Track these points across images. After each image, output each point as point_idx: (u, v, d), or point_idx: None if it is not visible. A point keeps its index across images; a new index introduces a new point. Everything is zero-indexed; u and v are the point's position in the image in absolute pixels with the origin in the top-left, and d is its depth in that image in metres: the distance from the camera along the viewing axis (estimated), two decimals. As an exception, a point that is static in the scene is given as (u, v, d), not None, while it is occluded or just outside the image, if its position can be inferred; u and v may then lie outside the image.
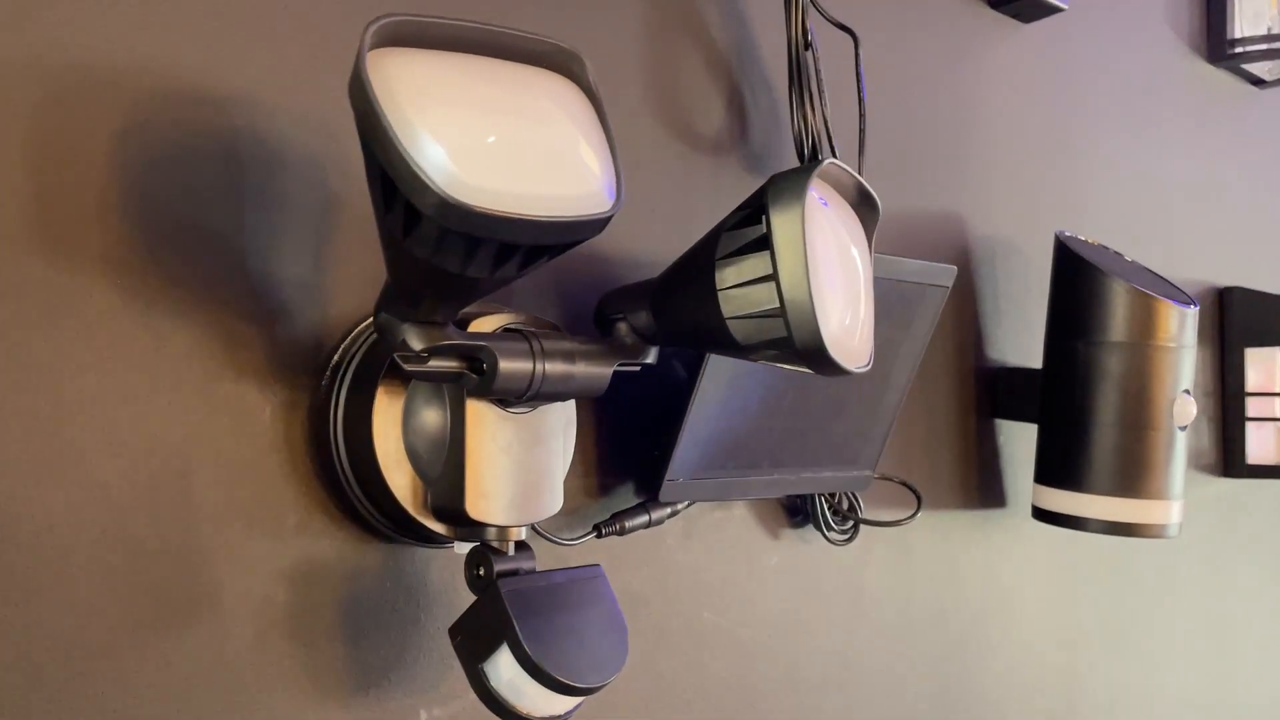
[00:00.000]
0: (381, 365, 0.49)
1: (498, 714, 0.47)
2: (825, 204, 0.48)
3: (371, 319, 0.46)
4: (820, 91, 0.68)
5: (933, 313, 0.68)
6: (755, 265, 0.46)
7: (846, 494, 0.73)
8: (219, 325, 0.49)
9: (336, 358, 0.52)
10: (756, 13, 0.70)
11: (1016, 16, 0.89)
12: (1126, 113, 1.00)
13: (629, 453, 0.63)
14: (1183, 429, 0.82)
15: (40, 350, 0.44)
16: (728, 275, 0.47)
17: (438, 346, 0.45)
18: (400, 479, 0.50)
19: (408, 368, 0.45)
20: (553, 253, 0.40)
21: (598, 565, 0.51)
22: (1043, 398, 0.85)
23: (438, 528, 0.51)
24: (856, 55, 0.68)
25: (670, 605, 0.65)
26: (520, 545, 0.50)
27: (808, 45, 0.68)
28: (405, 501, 0.50)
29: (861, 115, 0.69)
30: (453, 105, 0.37)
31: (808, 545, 0.74)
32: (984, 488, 0.88)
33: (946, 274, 0.67)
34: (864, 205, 0.51)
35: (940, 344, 0.83)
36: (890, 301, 0.65)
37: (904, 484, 0.76)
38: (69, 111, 0.45)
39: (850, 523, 0.73)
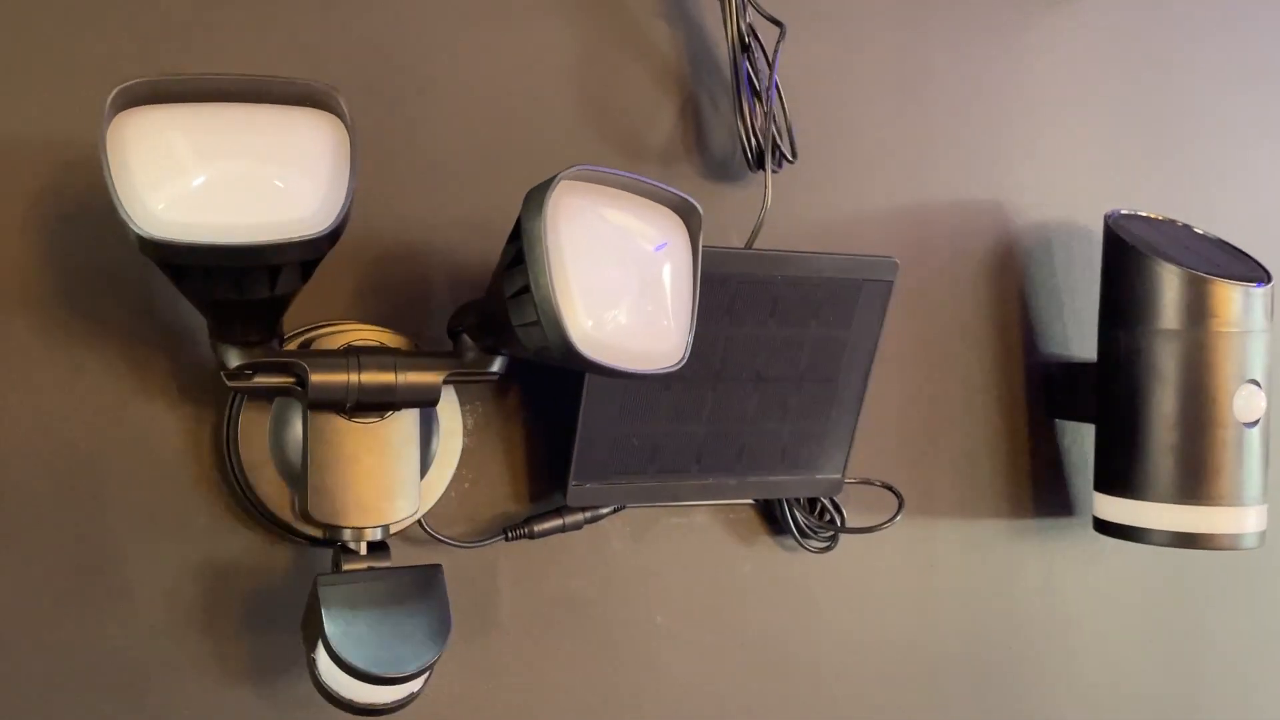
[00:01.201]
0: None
1: (327, 701, 0.51)
2: (618, 209, 0.49)
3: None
4: (758, 93, 0.67)
5: (878, 309, 0.64)
6: (516, 278, 0.47)
7: (824, 500, 0.70)
8: (130, 354, 0.56)
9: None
10: (708, 18, 0.70)
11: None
12: (1197, 78, 0.89)
13: (557, 459, 0.65)
14: (1251, 425, 0.72)
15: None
16: (505, 287, 0.48)
17: (258, 363, 0.50)
18: (266, 486, 0.55)
19: (230, 384, 0.50)
20: (274, 272, 0.44)
21: (438, 565, 0.53)
22: (1097, 395, 0.77)
23: (309, 530, 0.55)
24: (777, 48, 0.66)
25: (618, 608, 0.66)
26: (375, 545, 0.54)
27: (745, 48, 0.67)
28: (274, 506, 0.55)
29: (783, 111, 0.67)
30: (166, 157, 0.42)
31: (791, 554, 0.72)
32: (1041, 496, 0.81)
33: (887, 268, 0.64)
34: (684, 208, 0.51)
35: (983, 339, 0.78)
36: (817, 300, 0.62)
37: (885, 486, 0.72)
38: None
39: (828, 529, 0.70)
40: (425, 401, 0.53)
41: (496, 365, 0.54)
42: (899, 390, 0.75)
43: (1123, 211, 0.78)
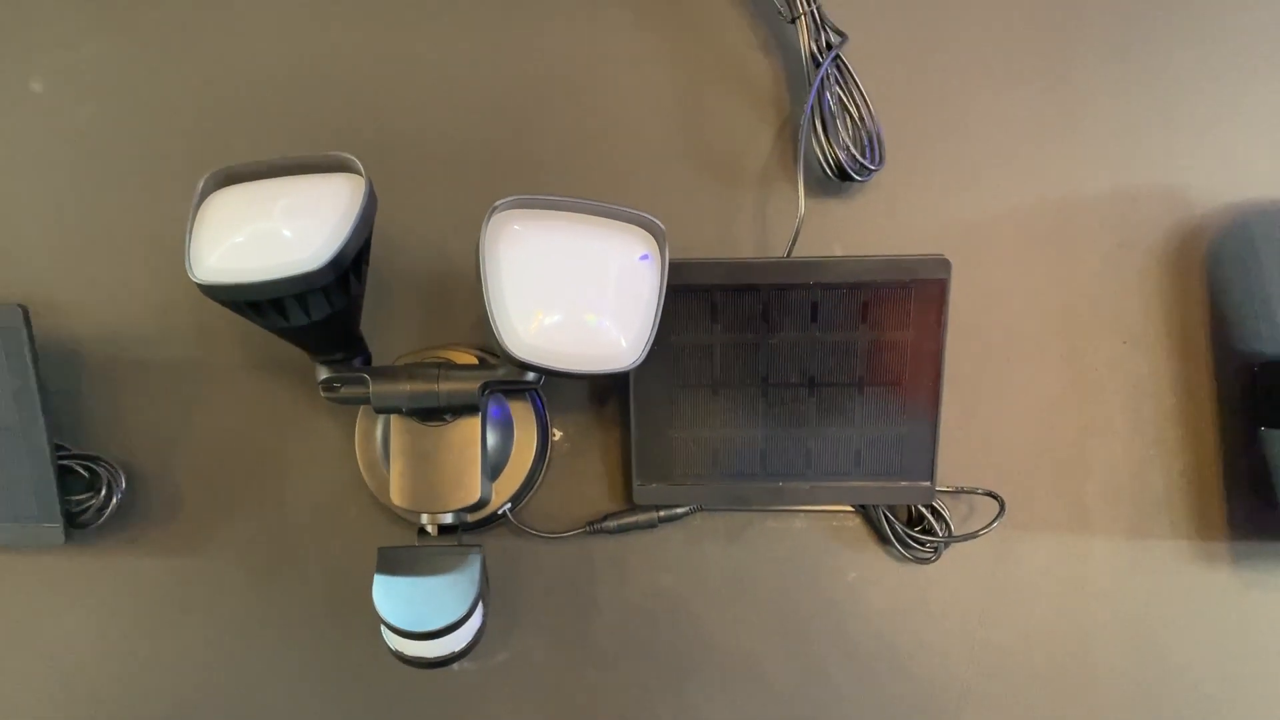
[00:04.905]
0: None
1: (391, 654, 0.63)
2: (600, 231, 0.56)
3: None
4: (825, 106, 0.69)
5: (935, 309, 0.63)
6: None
7: (919, 508, 0.69)
8: (306, 380, 0.72)
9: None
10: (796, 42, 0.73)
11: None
12: None
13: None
14: None
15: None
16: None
17: (339, 377, 0.64)
18: (378, 480, 0.68)
19: (323, 394, 0.64)
20: (300, 301, 0.56)
21: (479, 545, 0.63)
22: (1287, 397, 0.67)
23: (406, 515, 0.68)
24: (839, 59, 0.67)
25: (707, 606, 0.71)
26: (446, 528, 0.65)
27: (818, 64, 0.70)
28: (381, 496, 0.68)
29: (859, 120, 0.68)
30: (217, 225, 0.57)
31: (901, 565, 0.71)
32: (1236, 515, 0.71)
33: (937, 266, 0.63)
34: (648, 224, 0.57)
35: (1153, 340, 0.72)
36: (862, 304, 0.63)
37: (987, 493, 0.69)
38: None
39: (928, 537, 0.69)
40: (467, 405, 0.62)
41: (531, 375, 0.62)
42: (1038, 399, 0.71)
43: (1313, 184, 0.67)
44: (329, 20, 0.73)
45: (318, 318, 0.58)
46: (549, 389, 0.67)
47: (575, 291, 0.55)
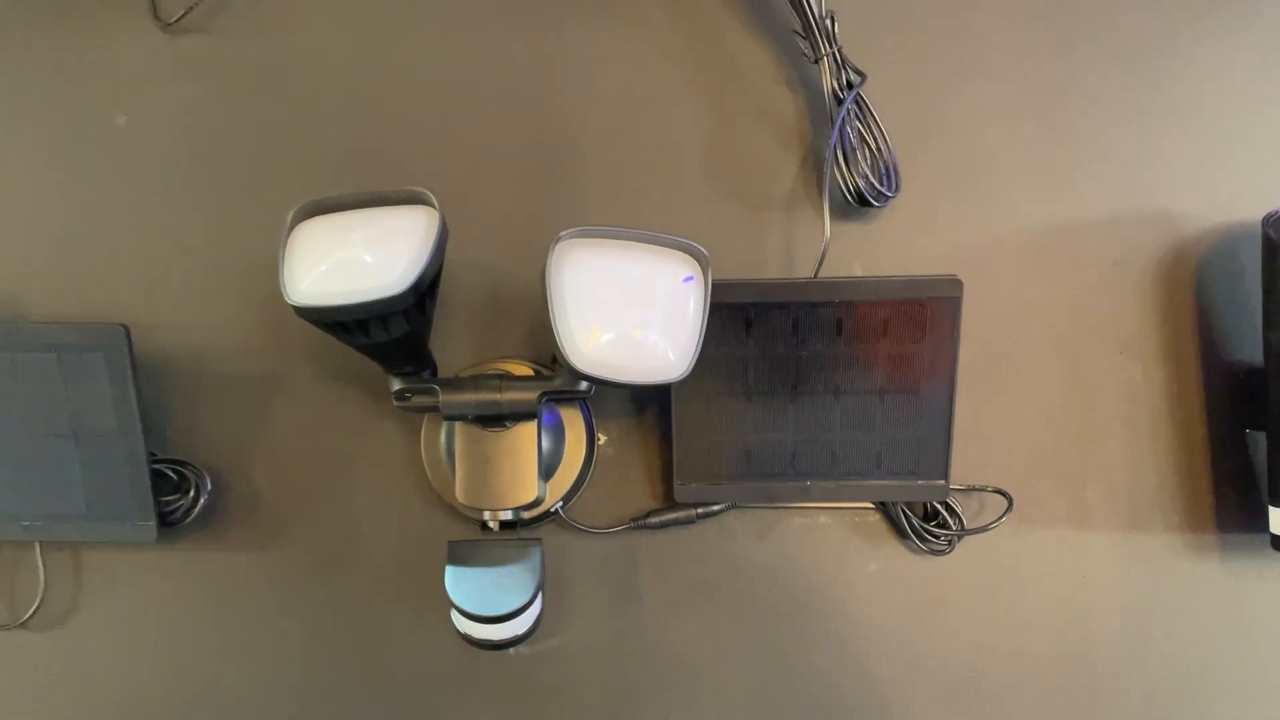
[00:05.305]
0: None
1: (460, 638, 0.69)
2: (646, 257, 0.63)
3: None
4: (846, 139, 0.76)
5: (949, 324, 0.70)
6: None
7: (934, 504, 0.76)
8: (373, 389, 0.79)
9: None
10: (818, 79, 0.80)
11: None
12: None
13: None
14: None
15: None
16: (551, 325, 0.64)
17: (411, 387, 0.70)
18: (442, 480, 0.75)
19: (396, 404, 0.71)
20: (383, 321, 0.63)
21: (538, 539, 0.69)
22: (1268, 401, 0.74)
23: (469, 512, 0.75)
24: (858, 96, 0.74)
25: (742, 597, 0.78)
26: (506, 523, 0.72)
27: (840, 101, 0.77)
28: (447, 496, 0.75)
29: (877, 151, 0.75)
30: (308, 253, 0.63)
31: (918, 557, 0.78)
32: (1225, 510, 0.78)
33: (951, 285, 0.69)
34: (693, 251, 0.64)
35: (1146, 350, 0.79)
36: (883, 320, 0.70)
37: (997, 491, 0.76)
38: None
39: (943, 531, 0.76)
40: (527, 413, 0.69)
41: (583, 385, 0.69)
42: (1042, 404, 0.78)
43: (1287, 209, 0.74)
44: (393, 67, 0.80)
45: (396, 335, 0.65)
46: (594, 397, 0.74)
47: (628, 310, 0.62)
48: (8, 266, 0.79)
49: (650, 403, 0.78)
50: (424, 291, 0.63)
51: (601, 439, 0.78)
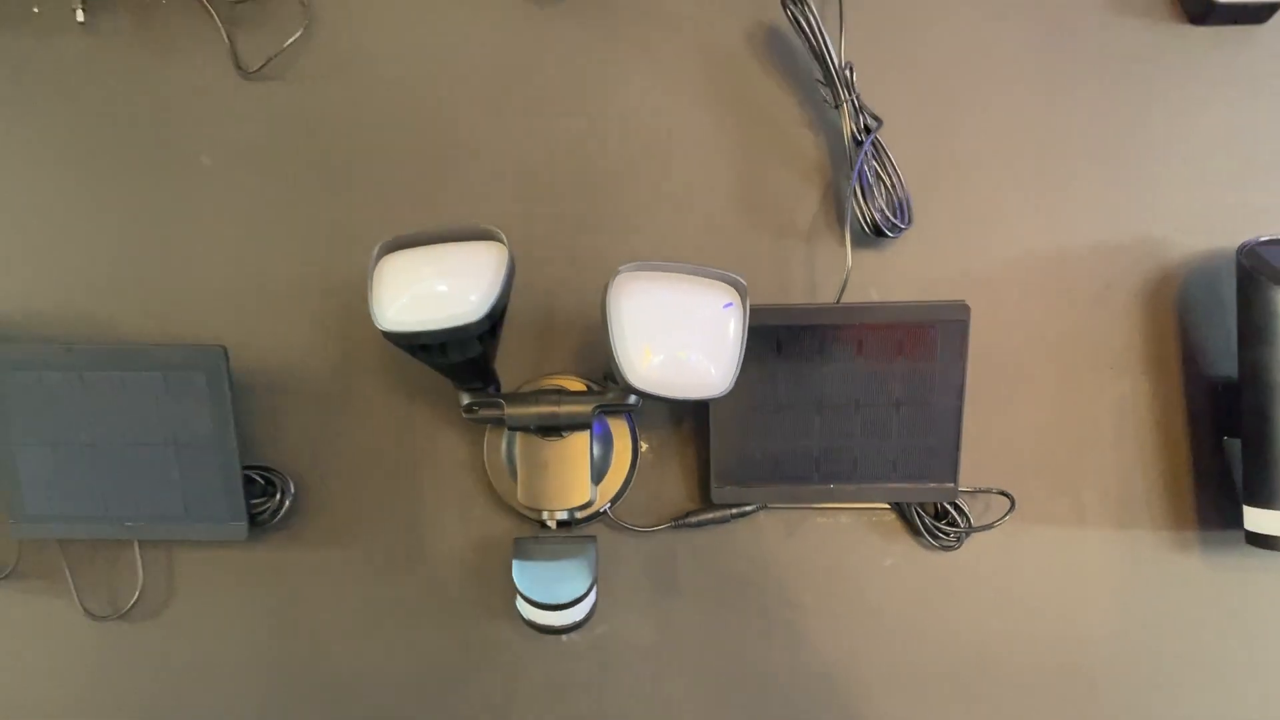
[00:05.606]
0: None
1: (524, 623, 0.78)
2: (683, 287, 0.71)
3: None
4: (864, 177, 0.85)
5: (958, 344, 0.79)
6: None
7: (944, 504, 0.85)
8: (439, 402, 0.88)
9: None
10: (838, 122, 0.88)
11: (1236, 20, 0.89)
12: None
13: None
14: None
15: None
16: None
17: (479, 401, 0.79)
18: (503, 484, 0.84)
19: (465, 416, 0.80)
20: (460, 344, 0.72)
21: (593, 536, 0.78)
22: (1243, 412, 0.83)
23: (528, 512, 0.83)
24: (875, 140, 0.83)
25: (772, 588, 0.86)
26: (562, 522, 0.80)
27: (859, 143, 0.86)
28: (508, 499, 0.84)
29: (892, 187, 0.84)
30: (395, 284, 0.72)
31: (929, 553, 0.86)
32: (1205, 510, 0.87)
33: (959, 310, 0.78)
34: (733, 281, 0.72)
35: (1134, 365, 0.87)
36: (899, 341, 0.79)
37: (1001, 492, 0.84)
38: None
39: (952, 529, 0.84)
40: (582, 425, 0.78)
41: (633, 399, 0.78)
42: (1041, 415, 0.87)
43: (1261, 238, 0.83)
44: (454, 112, 0.89)
45: (471, 356, 0.74)
46: (637, 409, 0.83)
47: (676, 334, 0.70)
48: (106, 292, 0.87)
49: (687, 415, 0.87)
50: (496, 319, 0.72)
51: (644, 447, 0.87)
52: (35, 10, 0.90)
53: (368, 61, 0.89)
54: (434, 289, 0.71)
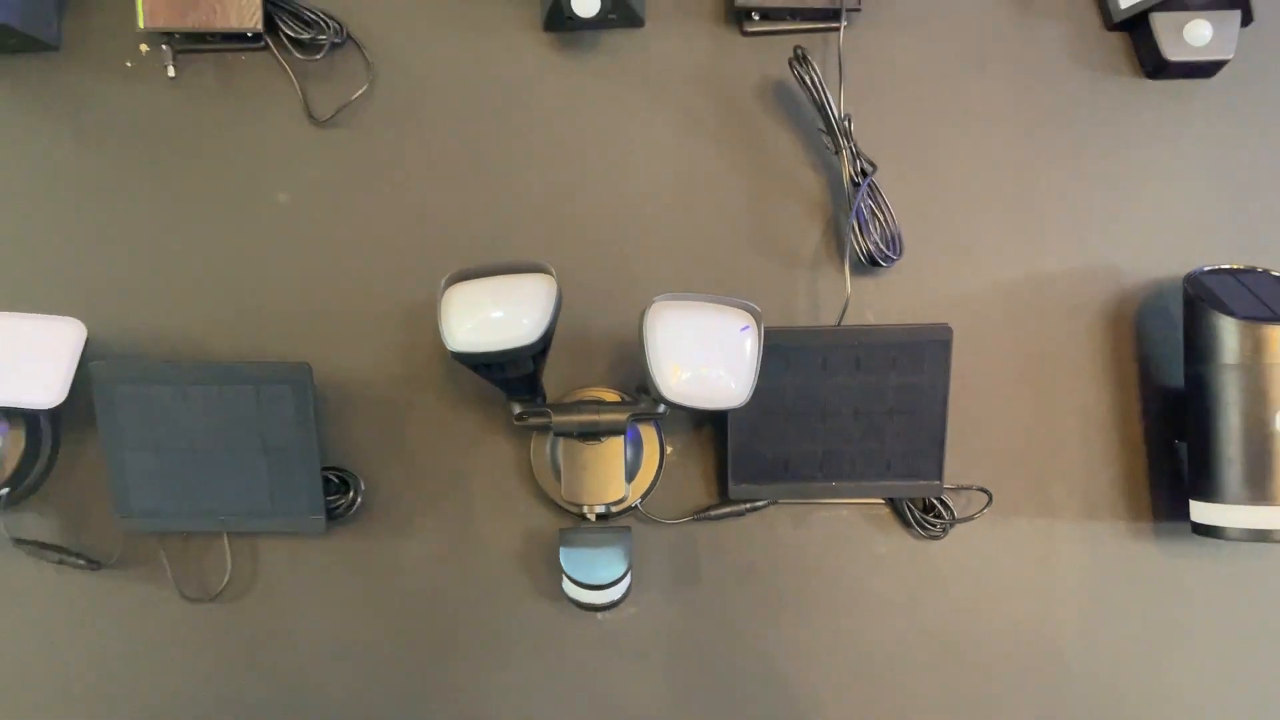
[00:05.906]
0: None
1: (570, 603, 0.91)
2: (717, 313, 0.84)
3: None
4: (861, 215, 0.97)
5: (942, 361, 0.91)
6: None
7: (931, 499, 0.97)
8: (487, 410, 1.00)
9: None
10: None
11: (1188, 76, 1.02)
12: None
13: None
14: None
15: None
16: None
17: (528, 410, 0.92)
18: (548, 483, 0.96)
19: (516, 423, 0.92)
20: (514, 363, 0.85)
21: (628, 527, 0.91)
22: (1185, 418, 0.95)
23: (570, 507, 0.96)
24: (870, 184, 0.96)
25: (782, 575, 0.99)
26: (601, 515, 0.93)
27: (856, 185, 0.98)
28: (552, 495, 0.96)
29: (885, 223, 0.97)
30: (462, 311, 0.84)
31: (917, 542, 0.99)
32: (1160, 504, 0.99)
33: (942, 331, 0.91)
34: (750, 309, 0.85)
35: (1098, 377, 1.00)
36: (891, 358, 0.92)
37: (980, 489, 0.97)
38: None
39: (938, 521, 0.97)
40: (618, 431, 0.90)
41: (662, 408, 0.90)
42: (1015, 421, 0.99)
43: (1205, 268, 0.95)
44: (505, 156, 1.01)
45: (525, 372, 0.86)
46: (664, 417, 0.95)
47: (702, 353, 0.83)
48: (195, 317, 1.00)
49: (706, 422, 1.00)
50: (547, 340, 0.84)
51: (670, 450, 0.99)
52: (129, 65, 1.03)
53: (425, 111, 1.02)
54: (494, 315, 0.84)
